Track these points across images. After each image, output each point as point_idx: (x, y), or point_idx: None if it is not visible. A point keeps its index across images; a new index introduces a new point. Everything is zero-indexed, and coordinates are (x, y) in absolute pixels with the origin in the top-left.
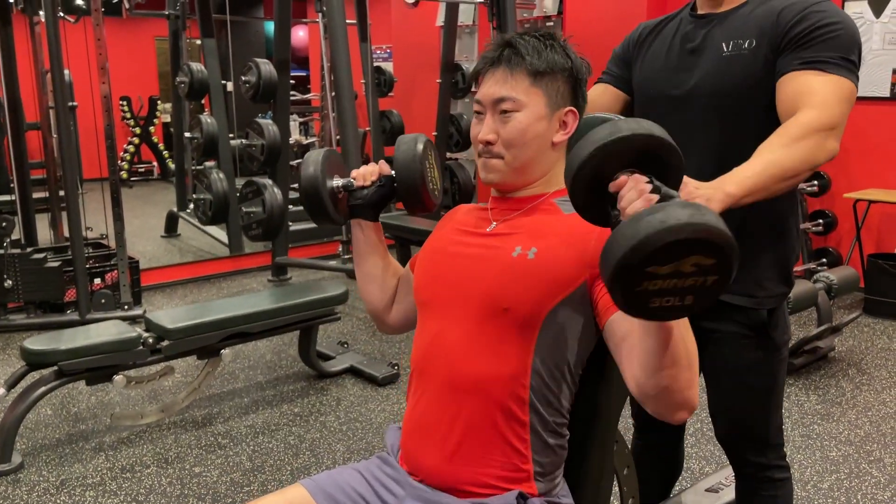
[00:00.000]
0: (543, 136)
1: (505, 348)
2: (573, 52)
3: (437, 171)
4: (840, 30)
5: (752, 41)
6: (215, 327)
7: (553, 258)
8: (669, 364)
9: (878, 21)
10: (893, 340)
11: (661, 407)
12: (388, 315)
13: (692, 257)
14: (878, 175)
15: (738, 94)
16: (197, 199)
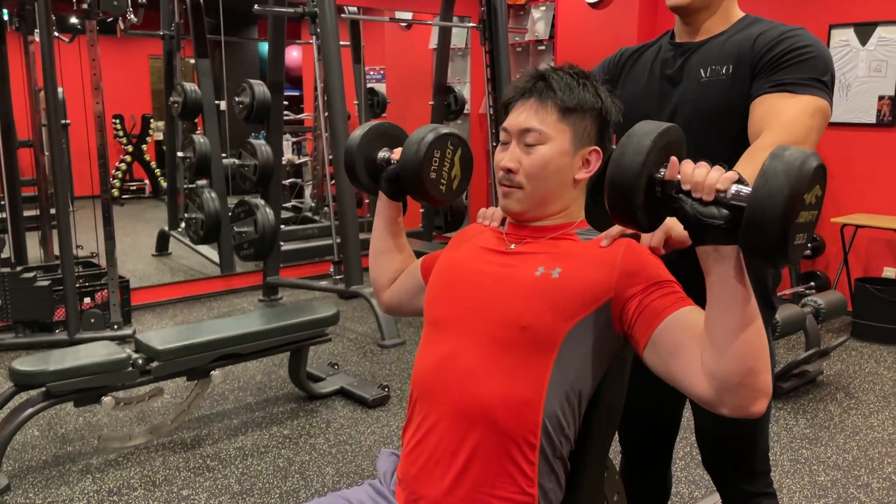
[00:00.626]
0: (566, 171)
1: (521, 371)
2: (605, 93)
3: (457, 168)
4: (812, 53)
5: (728, 67)
6: (206, 348)
7: (578, 277)
8: (754, 338)
9: (864, 49)
10: (881, 365)
11: (744, 397)
12: (384, 294)
13: (816, 186)
14: (864, 200)
15: (716, 119)
16: (189, 218)
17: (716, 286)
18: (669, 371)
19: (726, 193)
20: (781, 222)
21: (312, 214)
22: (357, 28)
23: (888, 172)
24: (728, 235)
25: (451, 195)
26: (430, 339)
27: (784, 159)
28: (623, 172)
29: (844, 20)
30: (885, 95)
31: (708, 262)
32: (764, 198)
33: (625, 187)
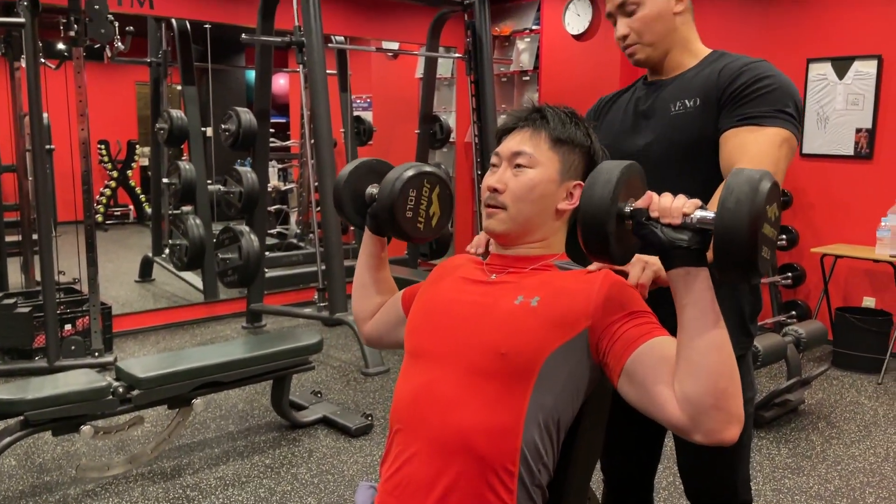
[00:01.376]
0: (550, 198)
1: (500, 399)
2: (594, 136)
3: (435, 205)
4: (774, 86)
5: (696, 100)
6: (187, 376)
7: (556, 305)
8: (725, 359)
9: (841, 83)
10: (861, 394)
11: (718, 421)
12: (365, 325)
13: (774, 204)
14: (843, 230)
15: (688, 150)
16: (173, 245)
17: (687, 309)
18: (643, 400)
19: (692, 218)
20: (749, 233)
21: (298, 241)
22: (344, 57)
23: (866, 204)
24: (697, 257)
25: (430, 232)
26: (410, 370)
27: (744, 174)
28: (595, 203)
29: (822, 54)
30: (863, 128)
31: (679, 285)
32: (730, 207)
33: (598, 217)
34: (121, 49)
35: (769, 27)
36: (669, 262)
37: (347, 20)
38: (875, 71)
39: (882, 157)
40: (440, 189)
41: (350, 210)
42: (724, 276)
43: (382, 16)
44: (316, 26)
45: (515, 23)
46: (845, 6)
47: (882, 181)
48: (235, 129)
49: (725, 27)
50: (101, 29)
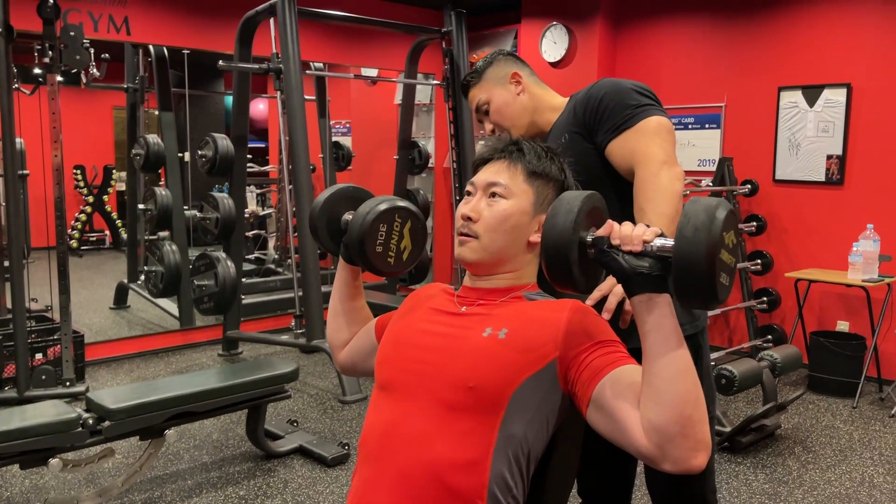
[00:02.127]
0: (522, 230)
1: (468, 432)
2: (569, 171)
3: (407, 240)
4: (615, 90)
5: (565, 136)
6: (160, 407)
7: (524, 337)
8: (689, 386)
9: (812, 110)
10: (837, 418)
11: (685, 448)
12: (339, 353)
13: (731, 232)
14: (816, 255)
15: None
16: (148, 271)
17: (650, 335)
18: (611, 429)
19: (652, 245)
20: (707, 258)
21: (276, 267)
22: (322, 83)
23: (838, 229)
24: (658, 283)
25: (400, 266)
26: (379, 403)
27: (701, 203)
28: (558, 232)
29: (793, 83)
30: (833, 155)
31: (642, 311)
32: (688, 236)
33: (560, 246)
34: (96, 75)
35: (741, 56)
36: (631, 289)
37: (326, 47)
38: (844, 99)
39: (852, 183)
40: (412, 223)
41: (325, 236)
42: (684, 302)
43: (361, 43)
44: (293, 53)
45: (493, 49)
46: (815, 35)
47: (853, 207)
48: (212, 155)
49: (697, 56)
50: (76, 55)
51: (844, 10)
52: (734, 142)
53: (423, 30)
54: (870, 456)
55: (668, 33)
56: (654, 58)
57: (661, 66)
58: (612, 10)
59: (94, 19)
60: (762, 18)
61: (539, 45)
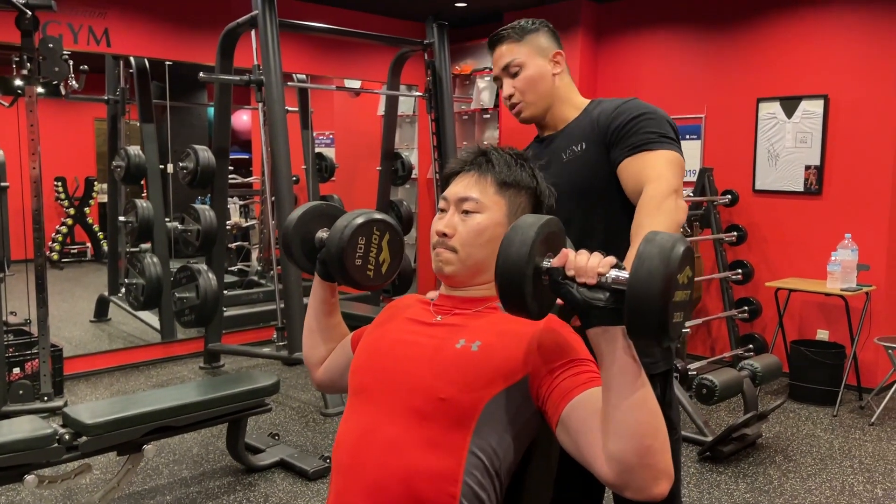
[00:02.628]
0: (498, 240)
1: (439, 443)
2: (540, 176)
3: (385, 252)
4: (650, 117)
5: (581, 144)
6: (137, 422)
7: (496, 350)
8: (648, 417)
9: (790, 121)
10: (817, 426)
11: (644, 478)
12: (316, 371)
13: (687, 267)
14: (796, 264)
15: (585, 188)
16: (129, 284)
17: (607, 367)
18: (576, 452)
19: (607, 277)
20: (660, 301)
21: (259, 278)
22: (305, 94)
23: (817, 238)
24: (613, 316)
25: (379, 280)
26: (352, 411)
27: (656, 242)
28: (511, 262)
29: (771, 94)
30: (811, 165)
31: (599, 343)
32: (642, 279)
33: (514, 276)
34: (75, 87)
35: (720, 68)
36: (587, 322)
37: (309, 58)
38: (822, 110)
39: (830, 192)
40: (390, 236)
41: (299, 254)
42: (637, 342)
43: (344, 54)
44: (275, 65)
45: (476, 62)
46: (793, 48)
47: (831, 216)
48: (193, 166)
49: (678, 68)
50: (55, 67)
51: (821, 23)
52: (714, 152)
53: (406, 42)
54: (850, 464)
55: (648, 45)
56: (635, 69)
57: (642, 78)
58: (592, 22)
59: (73, 31)
60: (741, 31)
61: None
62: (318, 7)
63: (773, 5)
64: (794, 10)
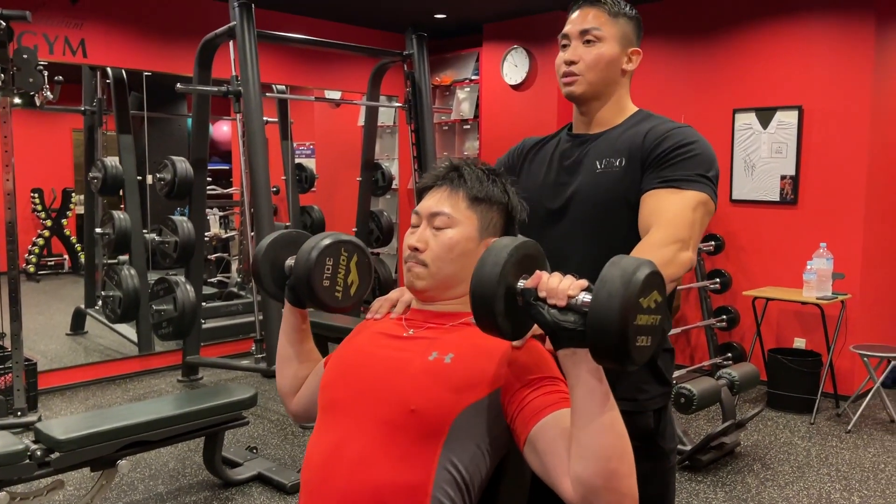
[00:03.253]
0: (469, 256)
1: (410, 456)
2: (512, 192)
3: (354, 274)
4: (696, 151)
5: (622, 160)
6: (111, 437)
7: (469, 364)
8: (615, 440)
9: (766, 132)
10: (795, 434)
11: (610, 502)
12: (290, 401)
13: (654, 292)
14: (773, 273)
15: (609, 208)
16: (106, 296)
17: (576, 389)
18: (544, 471)
19: (576, 300)
20: (619, 325)
21: (238, 290)
22: (285, 105)
23: (793, 247)
24: (581, 339)
25: (348, 301)
26: (322, 425)
27: (620, 266)
28: (483, 282)
29: (747, 105)
30: (787, 175)
31: (568, 365)
32: (602, 302)
33: (485, 296)
34: (50, 98)
35: (697, 79)
36: (556, 343)
37: (288, 69)
38: (796, 121)
39: (805, 202)
40: (358, 257)
41: (269, 282)
42: (600, 363)
43: (324, 65)
44: (253, 76)
45: (455, 73)
46: (768, 59)
47: (806, 225)
48: (171, 178)
49: (655, 78)
50: (29, 78)
51: (796, 35)
52: None
53: (385, 53)
54: (827, 472)
55: None
56: None
57: None
58: None
59: (49, 42)
60: (717, 42)
61: (500, 68)
62: (297, 18)
63: (749, 17)
64: (770, 23)
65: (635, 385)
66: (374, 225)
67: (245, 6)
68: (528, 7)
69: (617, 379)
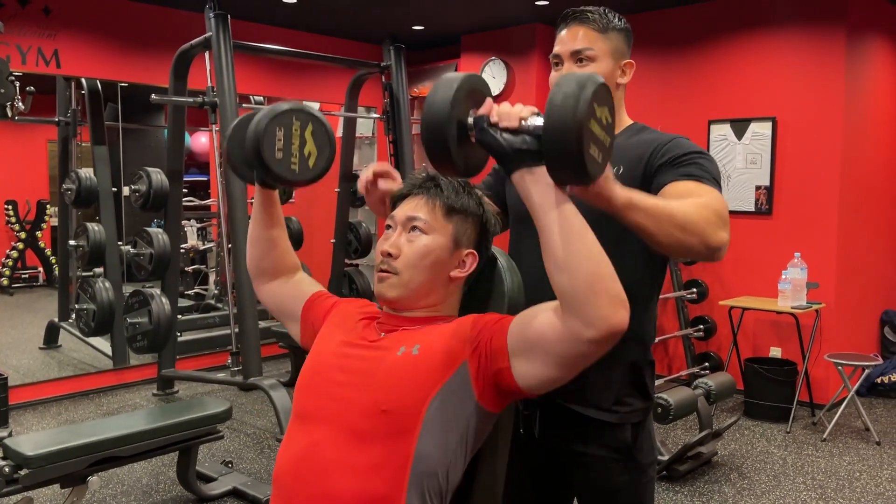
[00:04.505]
0: (442, 265)
1: (380, 465)
2: (486, 205)
3: (310, 144)
4: (708, 159)
5: (620, 168)
6: (82, 452)
7: (435, 347)
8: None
9: (741, 143)
10: (771, 443)
11: (602, 307)
12: (262, 285)
13: (604, 108)
14: (748, 283)
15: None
16: (80, 309)
17: (537, 208)
18: (536, 352)
19: (528, 122)
20: (577, 125)
21: (216, 302)
22: None
23: (768, 257)
24: (535, 158)
25: (307, 173)
26: (294, 432)
27: (573, 76)
28: (435, 112)
29: (722, 116)
30: (762, 185)
31: (526, 187)
32: (560, 104)
33: (438, 125)
34: (21, 109)
35: (672, 91)
36: (510, 166)
37: (265, 80)
38: (770, 132)
39: (780, 212)
40: (313, 126)
41: (239, 164)
42: (556, 174)
43: (301, 76)
44: (229, 87)
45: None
46: (742, 71)
47: (781, 236)
48: (146, 189)
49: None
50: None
51: (769, 48)
52: None
53: (363, 64)
54: (803, 481)
55: None
56: None
57: None
58: (548, 45)
59: (22, 52)
60: (692, 54)
61: None
62: (274, 29)
63: (723, 30)
64: (744, 36)
65: (617, 397)
66: (352, 236)
67: (221, 17)
68: (506, 19)
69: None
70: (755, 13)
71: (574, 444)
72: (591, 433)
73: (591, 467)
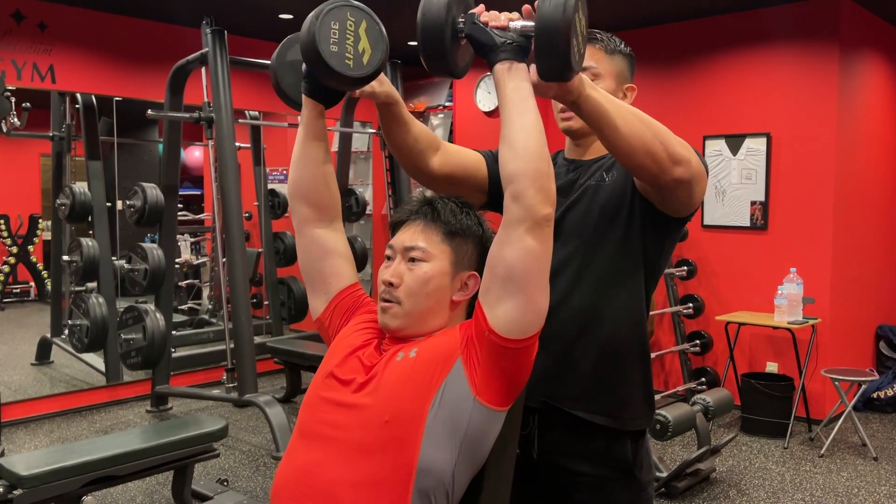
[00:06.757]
0: (444, 291)
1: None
2: (486, 223)
3: (364, 41)
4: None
5: (613, 173)
6: (76, 472)
7: (431, 349)
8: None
9: (735, 158)
10: (769, 459)
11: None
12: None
13: (580, 13)
14: (745, 298)
15: (598, 222)
16: (72, 325)
17: (508, 97)
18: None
19: (515, 24)
20: (564, 24)
21: (210, 317)
22: (258, 130)
23: (764, 272)
24: (520, 53)
25: (361, 70)
26: (295, 448)
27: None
28: (432, 12)
29: (717, 132)
30: (757, 201)
31: (503, 78)
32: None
33: (435, 25)
34: (17, 125)
35: (667, 106)
36: (495, 57)
37: (261, 95)
38: (765, 147)
39: (775, 227)
40: (367, 24)
41: (288, 84)
42: (543, 67)
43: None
44: (225, 102)
45: (429, 99)
46: (737, 87)
47: (776, 251)
48: (141, 204)
49: None
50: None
51: (763, 64)
52: None
53: None
54: (801, 497)
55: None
56: None
57: None
58: None
59: (17, 67)
60: (687, 70)
61: (474, 94)
62: (270, 45)
63: (718, 47)
64: (738, 52)
65: (623, 399)
66: None
67: (218, 32)
68: None
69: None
70: (750, 30)
71: (574, 463)
72: (592, 447)
73: (592, 487)
